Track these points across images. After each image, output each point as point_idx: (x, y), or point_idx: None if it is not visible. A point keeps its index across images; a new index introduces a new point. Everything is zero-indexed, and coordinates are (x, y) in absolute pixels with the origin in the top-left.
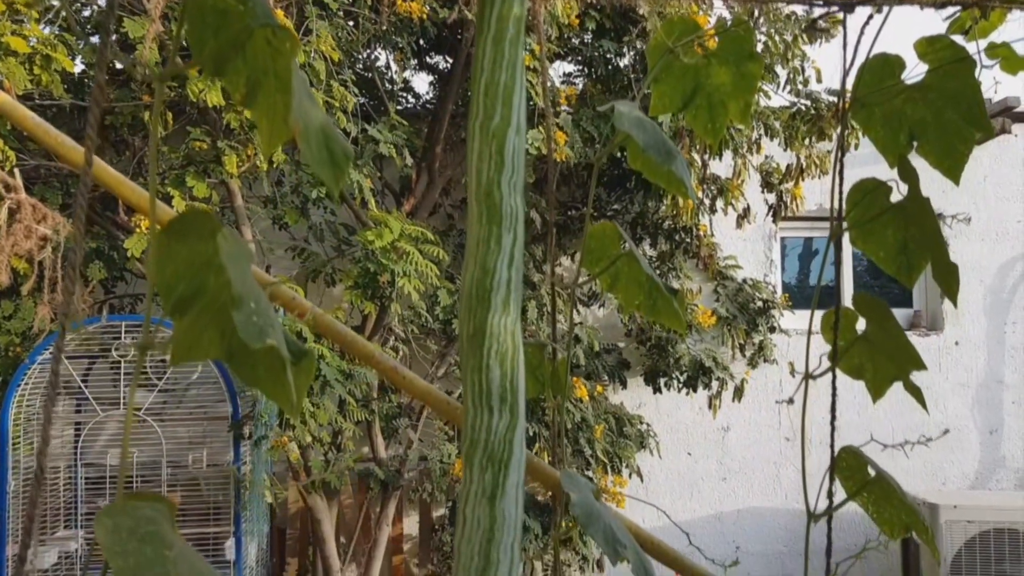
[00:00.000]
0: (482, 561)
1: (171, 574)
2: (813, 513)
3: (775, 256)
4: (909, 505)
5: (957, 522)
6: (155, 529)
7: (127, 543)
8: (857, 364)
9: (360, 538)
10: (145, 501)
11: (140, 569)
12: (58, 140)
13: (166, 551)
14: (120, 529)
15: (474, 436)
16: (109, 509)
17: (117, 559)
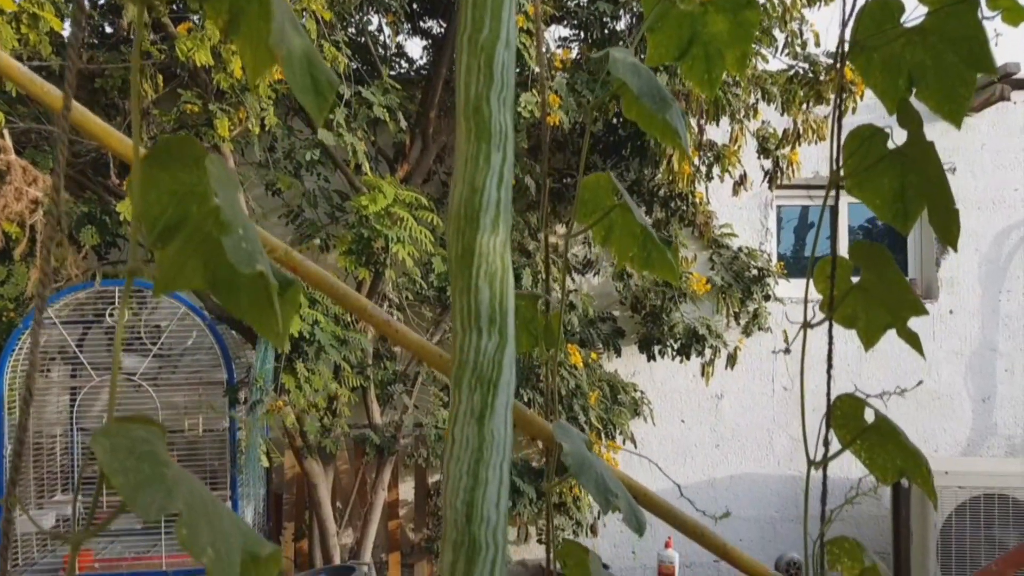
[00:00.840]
0: (471, 480)
1: (172, 491)
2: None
3: (771, 224)
4: (908, 448)
5: (948, 488)
6: (151, 449)
7: (126, 461)
8: (850, 313)
9: (356, 503)
10: (136, 424)
11: (141, 486)
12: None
13: (164, 469)
14: (118, 448)
15: (463, 357)
16: (104, 430)
17: (117, 476)
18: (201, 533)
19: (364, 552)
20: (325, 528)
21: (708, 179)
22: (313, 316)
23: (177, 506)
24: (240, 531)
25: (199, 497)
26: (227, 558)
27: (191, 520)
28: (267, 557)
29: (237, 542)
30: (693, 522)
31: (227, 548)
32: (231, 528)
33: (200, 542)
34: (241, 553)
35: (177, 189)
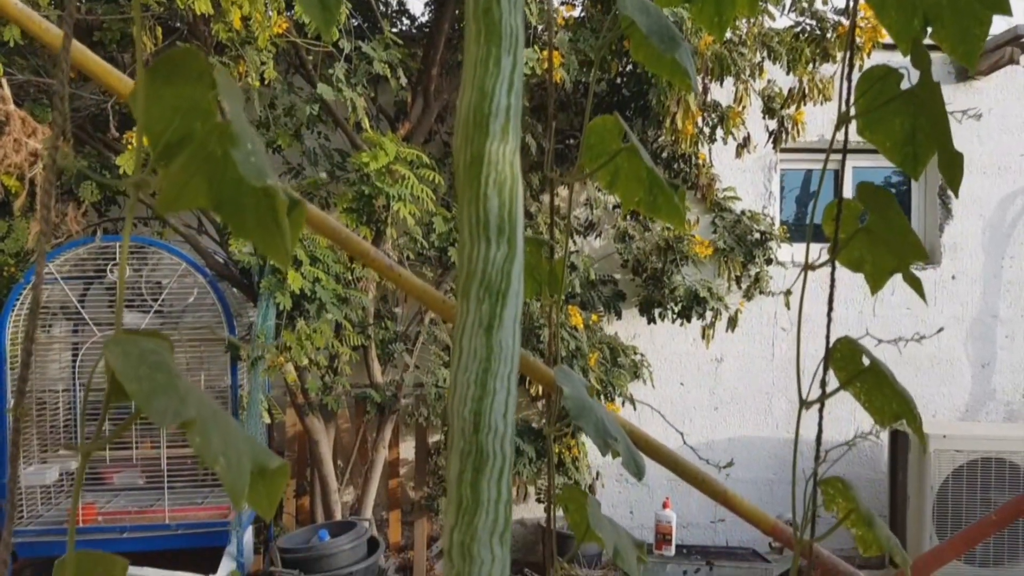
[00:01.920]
0: (478, 390)
1: (185, 399)
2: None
3: (774, 188)
4: (901, 394)
5: (945, 451)
6: (161, 359)
7: (139, 368)
8: (857, 256)
9: (357, 461)
10: (145, 336)
11: (155, 393)
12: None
13: (176, 379)
14: (130, 356)
15: (471, 268)
16: (115, 339)
17: (132, 383)
18: (213, 441)
19: (365, 509)
20: (327, 485)
21: (711, 141)
22: (314, 274)
23: (190, 413)
24: (249, 444)
25: (210, 408)
26: (238, 466)
27: (203, 428)
28: (275, 470)
29: (247, 453)
30: (695, 469)
31: (238, 457)
32: (241, 440)
33: (212, 450)
34: (251, 466)
35: (181, 104)
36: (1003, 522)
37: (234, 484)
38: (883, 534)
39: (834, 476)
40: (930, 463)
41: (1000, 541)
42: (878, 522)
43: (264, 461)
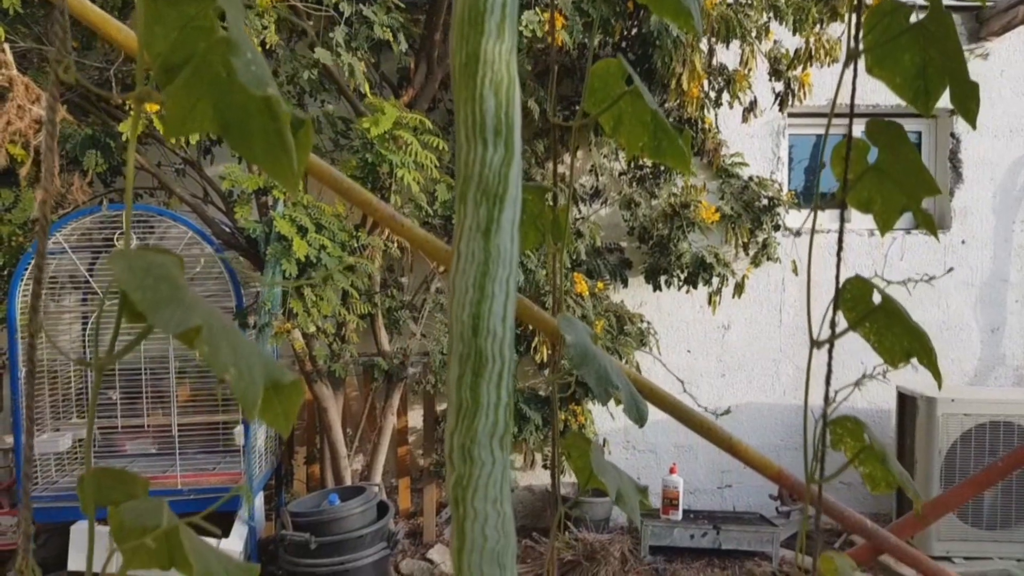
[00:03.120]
0: (477, 294)
1: (191, 309)
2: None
3: (782, 153)
4: (914, 330)
5: (954, 415)
6: (168, 272)
7: (144, 280)
8: (866, 197)
9: (366, 428)
10: (154, 251)
11: (161, 303)
12: None
13: (182, 291)
14: (136, 269)
15: (468, 172)
16: (121, 253)
17: (136, 293)
18: (222, 351)
19: (374, 476)
20: (336, 451)
21: (718, 106)
22: (320, 241)
23: (196, 322)
24: (261, 358)
25: (218, 320)
26: (249, 376)
27: (211, 338)
28: (289, 384)
29: (259, 366)
30: (700, 417)
31: (249, 368)
32: (251, 352)
33: (222, 359)
34: (264, 380)
35: (183, 23)
36: (1009, 469)
37: (246, 393)
38: (896, 469)
39: (845, 415)
40: (938, 427)
41: (1007, 504)
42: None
43: (277, 376)
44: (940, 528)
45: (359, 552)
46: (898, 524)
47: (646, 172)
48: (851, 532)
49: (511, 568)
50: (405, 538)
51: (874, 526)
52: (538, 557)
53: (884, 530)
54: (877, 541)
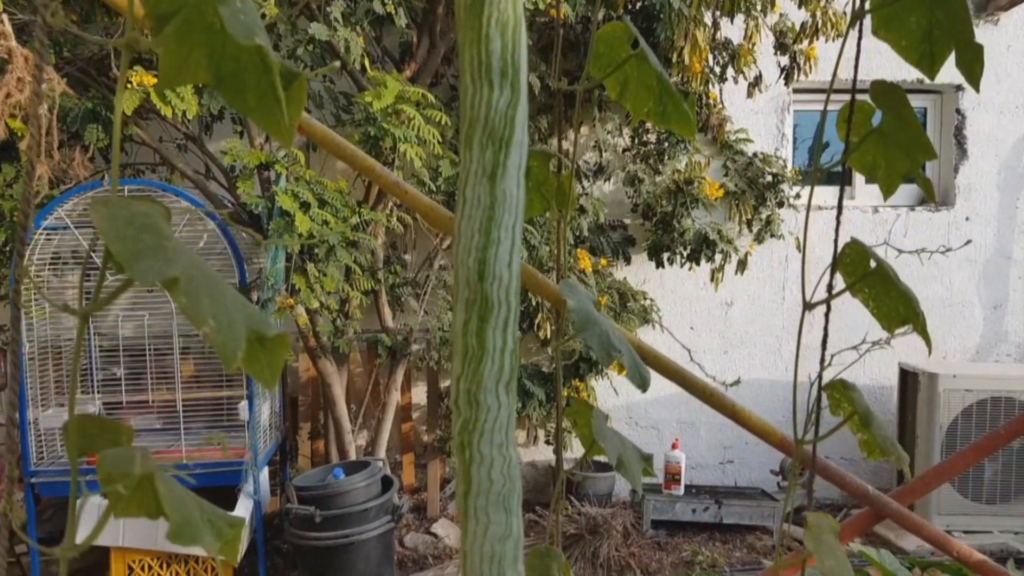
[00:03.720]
0: (483, 239)
1: (172, 260)
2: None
3: (787, 130)
4: (905, 294)
5: (955, 391)
6: (152, 222)
7: (124, 230)
8: (870, 160)
9: (369, 404)
10: (139, 199)
11: (140, 254)
12: None
13: (165, 241)
14: (116, 218)
15: (473, 114)
16: (103, 200)
17: (116, 244)
18: (202, 303)
19: (378, 451)
20: (340, 426)
21: (722, 81)
22: (323, 216)
23: (175, 272)
24: (244, 310)
25: (200, 271)
26: (229, 329)
27: (190, 289)
28: (274, 338)
29: (240, 318)
30: (702, 384)
31: (229, 320)
32: (234, 305)
33: (200, 311)
34: (245, 331)
35: None
36: (1011, 436)
37: (225, 345)
38: (881, 434)
39: (839, 379)
40: (939, 403)
41: (1007, 478)
42: (877, 421)
43: (261, 329)
44: (940, 503)
45: (364, 525)
46: (900, 491)
47: (650, 148)
48: (853, 497)
49: (517, 512)
50: (409, 513)
51: (876, 492)
52: (541, 531)
53: (886, 496)
54: (878, 507)
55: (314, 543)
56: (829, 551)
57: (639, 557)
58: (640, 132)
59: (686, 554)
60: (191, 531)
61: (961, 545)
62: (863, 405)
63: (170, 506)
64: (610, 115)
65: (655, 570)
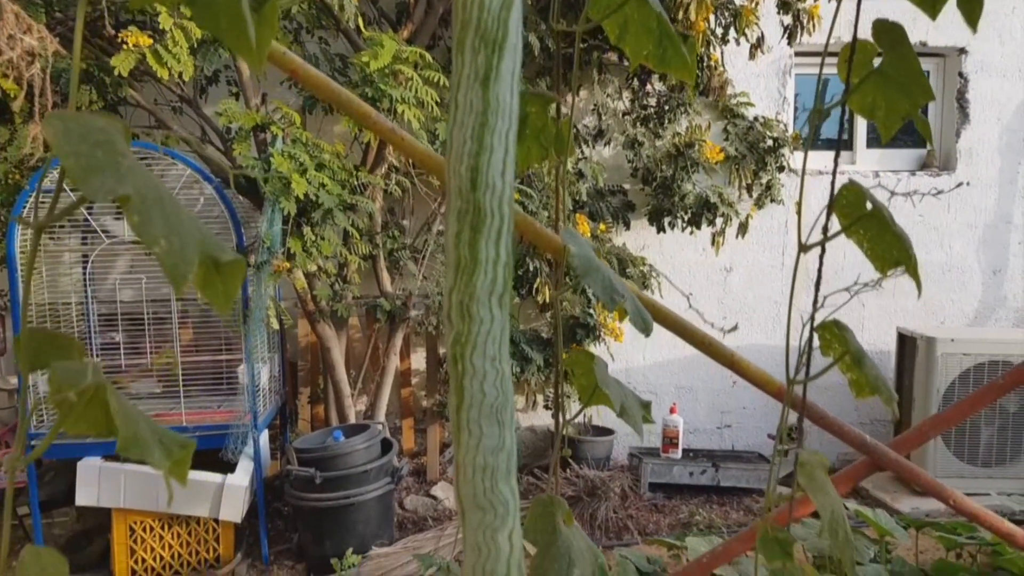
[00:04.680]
0: (475, 145)
1: (124, 177)
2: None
3: (789, 93)
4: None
5: (953, 355)
6: (108, 138)
7: (79, 146)
8: (870, 102)
9: (369, 369)
10: (97, 115)
11: (92, 170)
12: None
13: (120, 159)
14: (71, 133)
15: (465, 16)
16: (58, 115)
17: (69, 160)
18: (154, 223)
19: (378, 416)
20: (340, 390)
21: (724, 42)
22: (320, 179)
23: (127, 190)
24: (200, 234)
25: (155, 190)
26: (181, 252)
27: (143, 208)
28: (229, 263)
29: (194, 241)
30: (702, 334)
31: (182, 242)
32: (189, 228)
33: (152, 231)
34: (199, 255)
35: None
36: (1010, 386)
37: (175, 268)
38: (872, 373)
39: (832, 320)
40: (937, 367)
41: (1003, 441)
42: (868, 362)
43: (215, 253)
44: (937, 465)
45: (363, 487)
46: (897, 440)
47: (650, 112)
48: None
49: (510, 425)
50: (409, 476)
51: (873, 441)
52: (540, 493)
53: (883, 446)
54: (876, 456)
55: (314, 504)
56: (819, 487)
57: (636, 519)
58: (640, 95)
59: (683, 516)
60: (140, 446)
61: (956, 493)
62: (855, 345)
63: (120, 420)
64: (610, 78)
65: (652, 531)
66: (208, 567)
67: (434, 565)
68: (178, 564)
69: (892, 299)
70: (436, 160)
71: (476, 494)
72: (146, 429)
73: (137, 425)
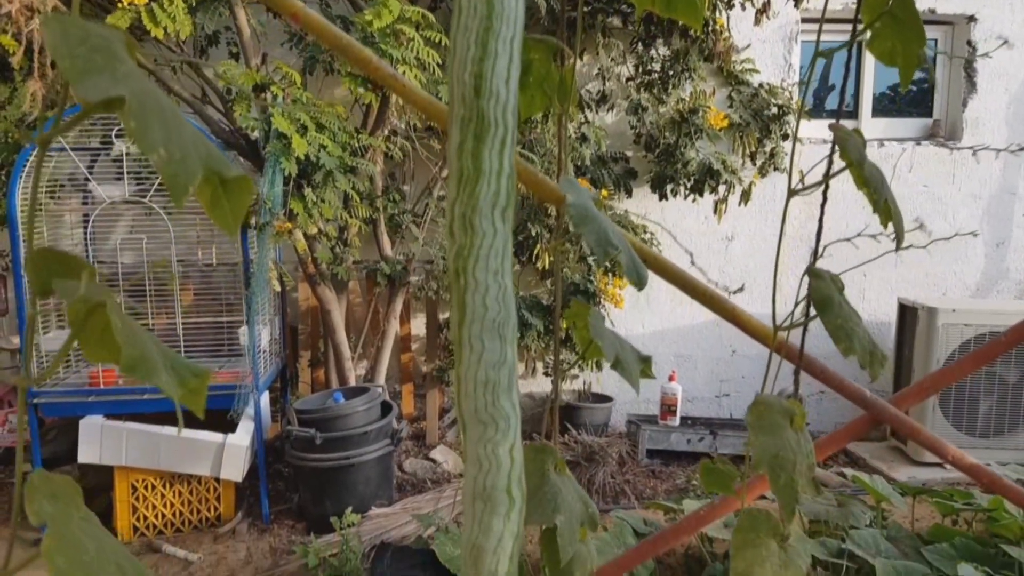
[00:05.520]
0: (479, 51)
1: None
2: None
3: (794, 60)
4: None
5: (954, 325)
6: (107, 44)
7: (77, 48)
8: (888, 47)
9: (369, 334)
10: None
11: (88, 72)
12: None
13: (118, 64)
14: (70, 36)
15: None
16: (55, 16)
17: (65, 60)
18: (152, 129)
19: (378, 379)
20: (340, 353)
21: (730, 6)
22: (320, 140)
23: (121, 91)
24: (203, 147)
25: (154, 98)
26: (182, 161)
27: (141, 112)
28: (235, 179)
29: (197, 152)
30: (703, 287)
31: (183, 152)
32: (192, 139)
33: (150, 137)
34: (203, 169)
35: None
36: (1012, 343)
37: (175, 178)
38: (865, 340)
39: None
40: (938, 337)
41: (1001, 412)
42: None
43: (219, 167)
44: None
45: (363, 448)
46: (897, 396)
47: (654, 77)
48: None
49: (511, 341)
50: (408, 440)
51: (873, 396)
52: None
53: (882, 400)
54: (875, 412)
55: (314, 464)
56: (767, 427)
57: (634, 484)
58: (645, 60)
59: (680, 481)
60: (147, 367)
61: (954, 448)
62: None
63: (123, 338)
64: (614, 42)
65: (649, 496)
66: (209, 525)
67: (433, 525)
68: (179, 522)
69: (894, 270)
70: (437, 108)
71: (478, 408)
72: (156, 352)
73: (144, 346)
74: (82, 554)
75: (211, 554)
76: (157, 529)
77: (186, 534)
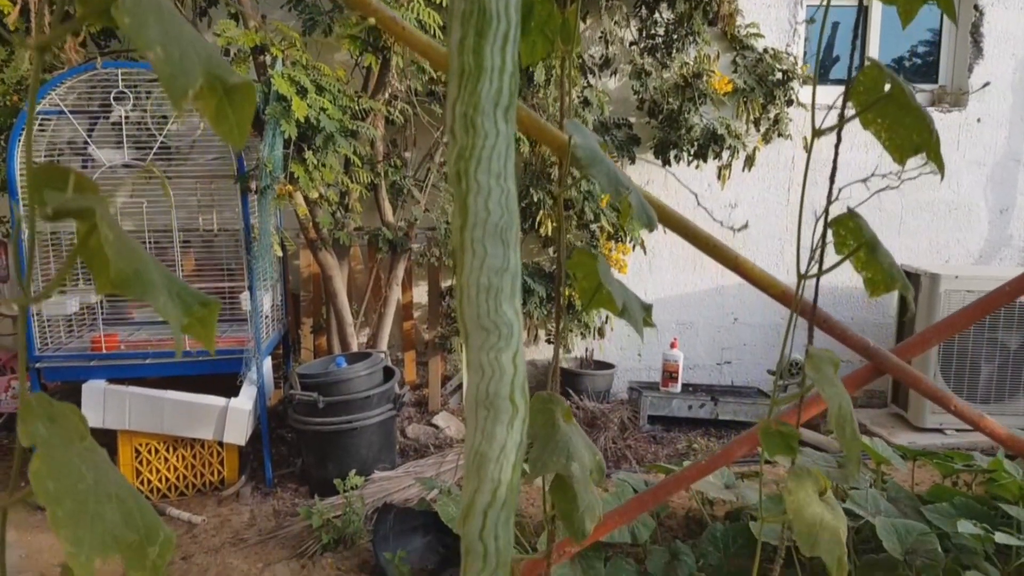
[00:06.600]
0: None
1: None
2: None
3: (799, 25)
4: (923, 119)
5: (957, 291)
6: None
7: None
8: None
9: (371, 301)
10: None
11: None
12: None
13: None
14: None
15: None
16: None
17: None
18: (149, 27)
19: (379, 346)
20: (342, 318)
21: None
22: (320, 103)
23: None
24: (205, 50)
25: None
26: (181, 62)
27: (135, 9)
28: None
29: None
30: (707, 236)
31: (182, 52)
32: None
33: (146, 35)
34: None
35: None
36: (1015, 293)
37: (173, 80)
38: (886, 261)
39: (847, 212)
40: (940, 304)
41: (1001, 377)
42: (882, 249)
43: (221, 72)
44: None
45: (366, 412)
46: (900, 346)
47: (658, 41)
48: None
49: (514, 246)
50: (411, 406)
51: (876, 346)
52: None
53: (885, 351)
54: (878, 361)
55: (317, 428)
56: (828, 379)
57: (635, 449)
58: (648, 24)
59: (681, 446)
60: (141, 285)
61: (957, 400)
62: (869, 233)
63: (114, 251)
64: (617, 4)
65: (650, 461)
66: (213, 489)
67: (435, 488)
68: (183, 486)
69: (897, 238)
70: (438, 51)
71: (480, 315)
72: (157, 274)
73: (141, 263)
74: (77, 482)
75: (215, 516)
76: (161, 493)
77: (190, 497)
